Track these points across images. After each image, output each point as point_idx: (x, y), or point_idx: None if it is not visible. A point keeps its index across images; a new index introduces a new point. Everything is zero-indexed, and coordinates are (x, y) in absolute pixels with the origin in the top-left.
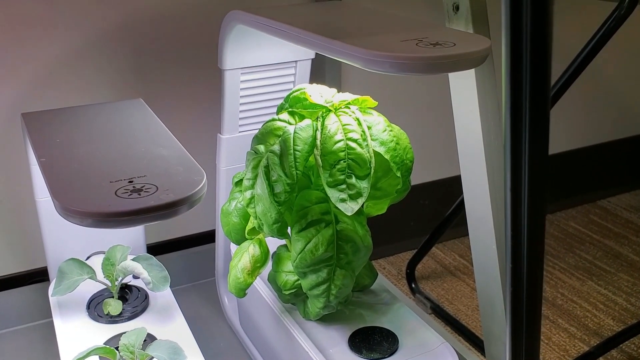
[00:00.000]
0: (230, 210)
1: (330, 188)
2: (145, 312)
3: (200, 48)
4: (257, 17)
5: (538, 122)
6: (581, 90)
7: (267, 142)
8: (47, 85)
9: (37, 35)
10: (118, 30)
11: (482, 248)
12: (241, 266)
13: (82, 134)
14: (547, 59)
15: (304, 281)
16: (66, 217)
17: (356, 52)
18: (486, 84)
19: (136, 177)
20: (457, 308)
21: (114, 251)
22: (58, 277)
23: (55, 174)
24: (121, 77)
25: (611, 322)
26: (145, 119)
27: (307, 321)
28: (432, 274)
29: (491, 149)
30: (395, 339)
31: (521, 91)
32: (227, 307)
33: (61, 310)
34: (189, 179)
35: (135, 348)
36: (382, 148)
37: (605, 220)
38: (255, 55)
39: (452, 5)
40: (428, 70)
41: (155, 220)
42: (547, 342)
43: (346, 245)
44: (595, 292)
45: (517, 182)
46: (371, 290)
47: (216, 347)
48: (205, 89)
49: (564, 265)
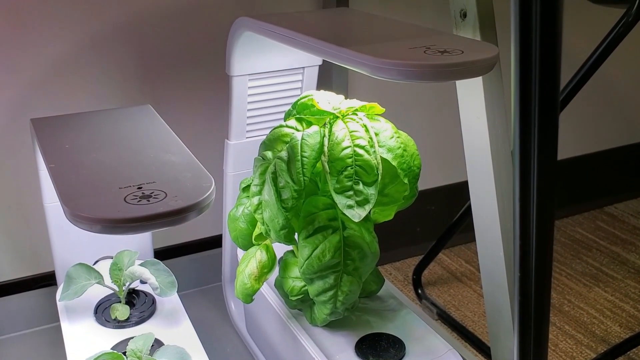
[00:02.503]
0: (237, 215)
1: (338, 194)
2: (153, 317)
3: (208, 54)
4: (265, 24)
5: (547, 128)
6: (589, 96)
7: (274, 148)
8: (55, 90)
9: (45, 40)
10: (126, 36)
11: (489, 254)
12: (248, 272)
13: (91, 140)
14: (557, 64)
15: (311, 287)
16: (75, 223)
17: (364, 60)
18: (494, 90)
19: (145, 183)
20: (463, 314)
21: (121, 256)
22: (66, 282)
23: (64, 180)
24: (129, 83)
25: (618, 328)
26: (153, 125)
27: (313, 327)
28: (439, 280)
29: (498, 155)
30: (402, 346)
31: (530, 97)
32: (234, 313)
33: (69, 314)
34: (197, 185)
35: (142, 353)
36: (390, 155)
37: (613, 227)
38: (262, 62)
39: (460, 12)
40: (436, 78)
41: (164, 227)
42: (554, 349)
43: (353, 252)
44: (602, 299)
45: (526, 189)
46: (378, 296)
47: (223, 352)
48: (213, 95)
49: (571, 271)
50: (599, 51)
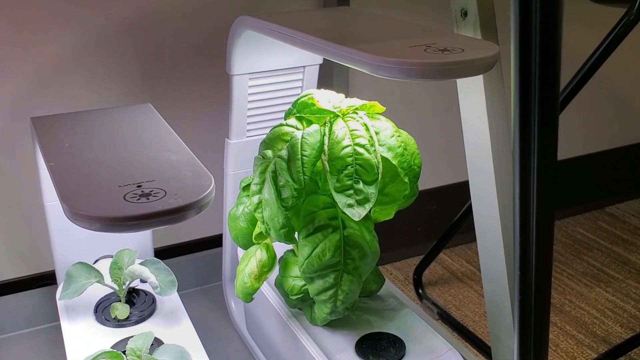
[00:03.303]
0: (237, 214)
1: (338, 193)
2: (153, 316)
3: (208, 53)
4: (266, 23)
5: (547, 128)
6: (590, 96)
7: (274, 147)
8: (55, 89)
9: (46, 39)
10: (126, 34)
11: (490, 254)
12: (248, 271)
13: (91, 138)
14: (556, 64)
15: (311, 286)
16: (75, 221)
17: (364, 58)
18: (494, 89)
19: (145, 181)
20: (464, 314)
21: (121, 255)
22: (66, 281)
23: (64, 179)
24: (130, 81)
25: (619, 329)
26: (153, 123)
27: (313, 326)
28: (440, 280)
29: (499, 154)
30: (402, 345)
31: (530, 97)
32: (234, 312)
33: (68, 313)
34: (197, 183)
35: (142, 352)
36: (390, 153)
37: (614, 227)
38: (263, 61)
39: (461, 11)
40: (436, 76)
41: (163, 225)
42: (555, 349)
43: (353, 251)
44: (603, 299)
45: (526, 188)
46: (378, 295)
47: (223, 351)
48: (213, 94)
49: (572, 271)
50: (600, 51)
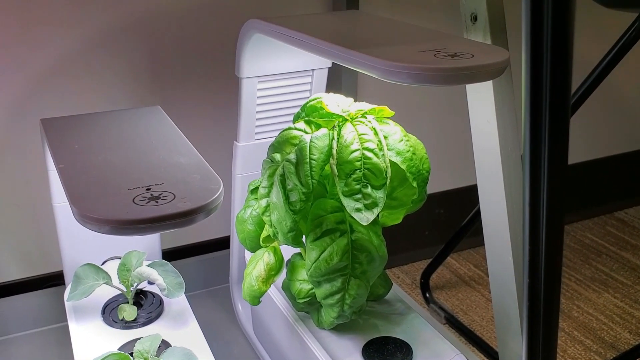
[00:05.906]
0: (245, 217)
1: (346, 197)
2: (160, 317)
3: (217, 56)
4: (275, 26)
5: (558, 133)
6: (600, 100)
7: (283, 150)
8: (65, 91)
9: (55, 41)
10: (137, 37)
11: (498, 259)
12: (256, 274)
13: (101, 140)
14: (568, 68)
15: (318, 290)
16: (84, 223)
17: (374, 63)
18: (504, 94)
19: (154, 184)
20: (471, 319)
21: (129, 257)
22: (74, 282)
23: (73, 181)
24: (139, 84)
25: (628, 335)
26: (162, 126)
27: (320, 330)
28: (447, 284)
29: (508, 159)
30: (409, 350)
31: (541, 101)
32: (241, 314)
33: (76, 314)
34: (206, 187)
35: (149, 354)
36: (399, 158)
37: (623, 232)
38: (272, 64)
39: (470, 15)
40: (446, 82)
41: (172, 228)
42: (563, 355)
43: (361, 255)
44: (611, 305)
45: (536, 193)
46: (385, 300)
47: (229, 354)
48: (222, 97)
49: (580, 277)
50: (611, 55)
